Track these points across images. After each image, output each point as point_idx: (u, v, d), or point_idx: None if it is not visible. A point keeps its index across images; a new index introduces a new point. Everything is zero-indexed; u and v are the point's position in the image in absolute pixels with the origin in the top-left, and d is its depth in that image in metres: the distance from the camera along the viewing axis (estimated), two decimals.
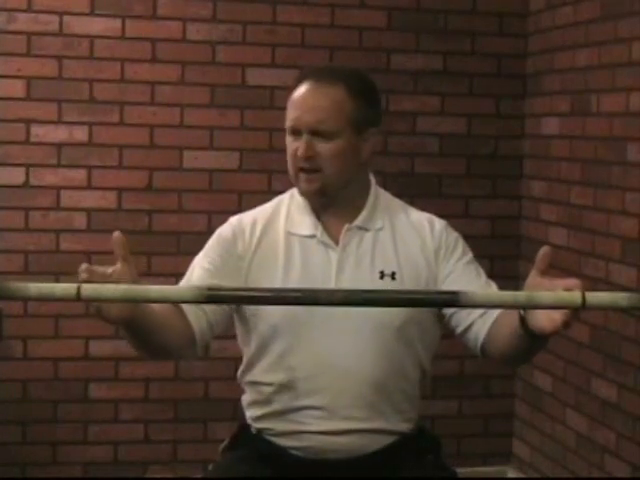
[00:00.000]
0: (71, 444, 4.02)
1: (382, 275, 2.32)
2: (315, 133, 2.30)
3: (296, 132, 2.32)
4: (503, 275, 4.19)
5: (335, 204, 2.37)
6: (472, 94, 4.23)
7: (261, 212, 2.43)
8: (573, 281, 1.85)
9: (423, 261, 2.36)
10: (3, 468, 3.95)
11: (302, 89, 2.33)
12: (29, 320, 3.94)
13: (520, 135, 4.27)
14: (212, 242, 2.41)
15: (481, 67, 4.23)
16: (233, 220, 2.43)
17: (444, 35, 4.19)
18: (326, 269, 2.33)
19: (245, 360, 2.42)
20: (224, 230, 2.41)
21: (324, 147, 2.30)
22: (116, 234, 1.98)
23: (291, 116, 2.33)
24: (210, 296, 1.54)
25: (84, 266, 1.87)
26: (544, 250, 1.96)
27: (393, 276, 2.32)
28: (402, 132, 4.17)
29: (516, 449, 4.30)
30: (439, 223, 2.43)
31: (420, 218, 2.44)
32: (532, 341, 2.07)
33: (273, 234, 2.38)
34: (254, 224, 2.39)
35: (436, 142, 4.22)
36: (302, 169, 2.32)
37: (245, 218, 2.42)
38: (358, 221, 2.37)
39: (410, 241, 2.38)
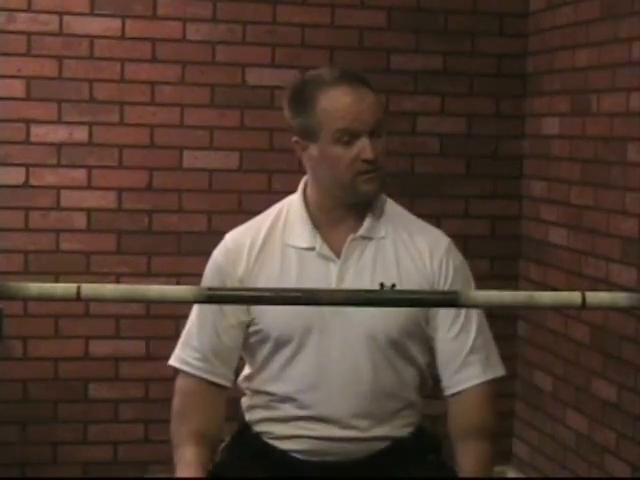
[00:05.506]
0: (71, 444, 4.02)
1: (382, 287, 2.28)
2: (373, 133, 2.28)
3: (354, 135, 2.27)
4: (503, 275, 4.20)
5: (341, 211, 2.34)
6: (472, 94, 4.23)
7: (259, 225, 2.38)
8: None
9: (422, 277, 2.35)
10: (3, 468, 3.94)
11: (345, 94, 2.28)
12: (29, 320, 3.94)
13: (520, 135, 4.27)
14: (210, 272, 2.38)
15: (481, 67, 4.23)
16: (229, 242, 2.38)
17: (444, 35, 4.19)
18: (325, 283, 2.29)
19: (247, 369, 2.42)
20: (219, 256, 2.37)
21: (380, 144, 2.30)
22: None
23: (346, 122, 2.27)
24: (210, 296, 1.54)
25: None
26: None
27: (393, 288, 2.30)
28: (402, 132, 4.17)
29: (516, 449, 4.30)
30: (439, 250, 2.38)
31: (423, 237, 2.39)
32: None
33: (270, 247, 2.34)
34: (253, 242, 2.35)
35: (436, 142, 4.22)
36: (367, 171, 2.28)
37: (243, 237, 2.36)
38: (362, 230, 2.34)
39: (412, 254, 2.36)
